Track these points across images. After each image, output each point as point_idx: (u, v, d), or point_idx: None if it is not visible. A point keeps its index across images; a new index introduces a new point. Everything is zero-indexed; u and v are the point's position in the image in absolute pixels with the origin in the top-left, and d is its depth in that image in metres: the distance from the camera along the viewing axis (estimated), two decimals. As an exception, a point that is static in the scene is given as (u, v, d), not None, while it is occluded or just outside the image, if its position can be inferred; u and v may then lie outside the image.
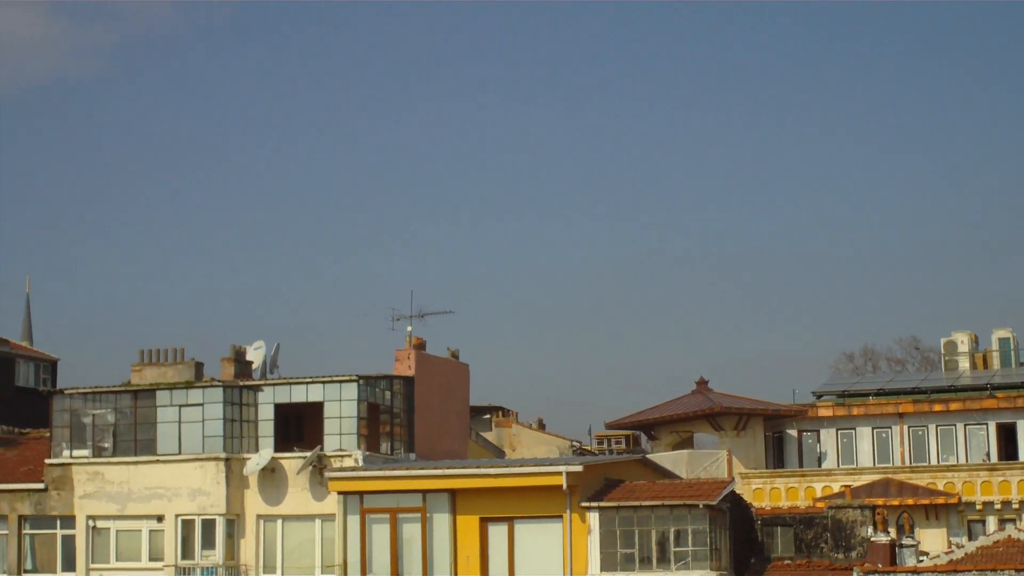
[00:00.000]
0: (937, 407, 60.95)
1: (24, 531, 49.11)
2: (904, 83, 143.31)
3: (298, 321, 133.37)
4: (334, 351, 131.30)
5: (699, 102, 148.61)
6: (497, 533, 43.46)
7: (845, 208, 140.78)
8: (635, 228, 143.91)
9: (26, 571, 48.87)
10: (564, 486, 41.85)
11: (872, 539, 43.11)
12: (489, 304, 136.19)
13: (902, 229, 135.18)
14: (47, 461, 48.85)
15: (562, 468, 42.29)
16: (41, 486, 48.66)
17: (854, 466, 60.91)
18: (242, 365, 49.24)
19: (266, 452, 46.28)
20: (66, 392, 49.10)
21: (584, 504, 42.15)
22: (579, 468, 42.33)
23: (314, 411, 47.07)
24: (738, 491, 48.87)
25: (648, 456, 54.97)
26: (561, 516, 42.50)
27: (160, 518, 47.15)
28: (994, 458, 59.66)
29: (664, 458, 56.44)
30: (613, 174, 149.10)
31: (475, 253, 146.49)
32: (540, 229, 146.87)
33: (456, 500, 43.67)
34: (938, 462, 60.17)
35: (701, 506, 41.27)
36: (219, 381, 47.38)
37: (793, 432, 62.46)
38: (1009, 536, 43.10)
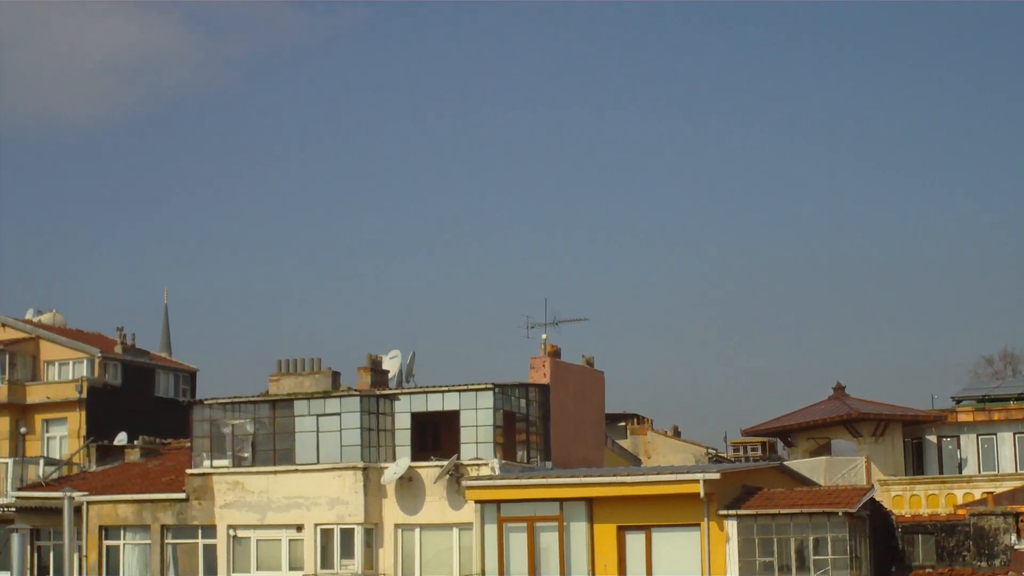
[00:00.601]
0: (1080, 410, 59.76)
1: (166, 540, 49.80)
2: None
3: (433, 330, 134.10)
4: (469, 359, 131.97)
5: (834, 107, 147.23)
6: (634, 541, 43.20)
7: (984, 209, 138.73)
8: (770, 232, 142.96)
9: (169, 579, 49.57)
10: (702, 494, 41.50)
11: (1016, 547, 42.28)
12: (624, 310, 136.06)
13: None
14: (188, 471, 49.48)
15: (699, 476, 41.94)
16: (182, 496, 49.31)
17: (995, 472, 59.75)
18: (378, 374, 49.57)
19: (403, 461, 46.48)
20: (206, 403, 49.67)
21: (722, 512, 41.80)
22: (716, 476, 41.99)
23: (450, 420, 47.18)
24: (877, 498, 48.19)
25: (785, 463, 54.42)
26: (699, 524, 42.15)
27: (299, 527, 47.52)
28: None
29: (801, 465, 55.82)
30: (746, 179, 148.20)
31: (609, 260, 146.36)
32: (674, 235, 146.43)
33: (593, 508, 43.46)
34: (1083, 466, 58.98)
35: (840, 514, 40.72)
36: (356, 390, 47.66)
37: (932, 438, 61.50)
38: None
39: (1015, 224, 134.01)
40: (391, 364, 50.46)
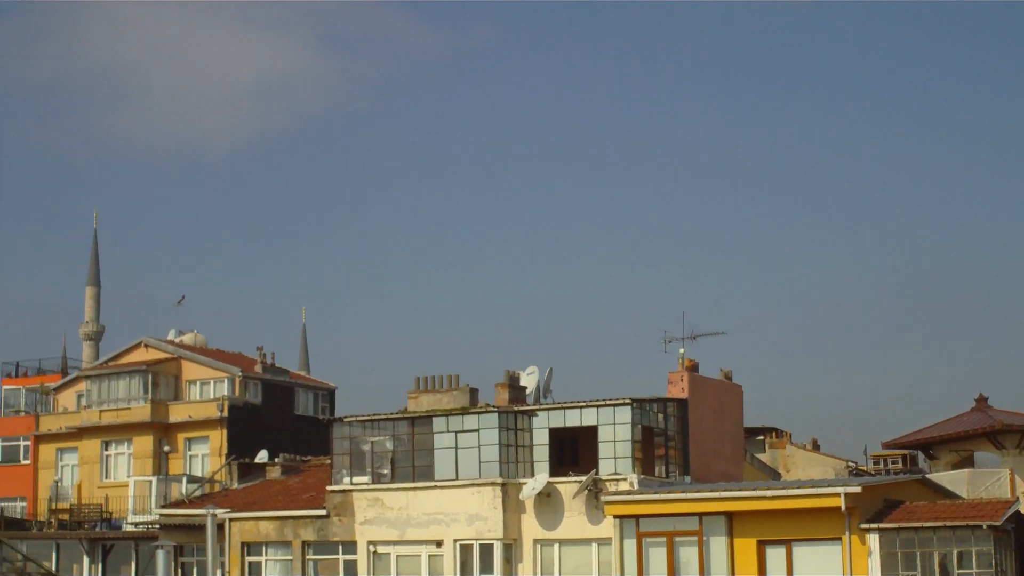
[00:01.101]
0: None
1: (307, 556, 50.24)
2: None
3: (571, 345, 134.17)
4: (607, 375, 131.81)
5: (987, 112, 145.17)
6: (775, 556, 42.82)
7: None
8: (909, 242, 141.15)
9: (310, 596, 49.99)
10: (843, 508, 41.04)
11: None
12: (761, 324, 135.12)
13: None
14: (328, 488, 49.91)
15: (840, 489, 41.50)
16: (323, 512, 49.74)
17: None
18: (516, 390, 49.62)
19: (541, 477, 46.49)
20: (345, 420, 50.09)
21: (864, 526, 41.30)
22: (858, 489, 41.50)
23: (588, 435, 47.08)
24: (1022, 511, 47.33)
25: (927, 476, 53.63)
26: (840, 538, 41.67)
27: (439, 543, 47.70)
28: None
29: (943, 478, 54.95)
30: (885, 188, 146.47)
31: (746, 273, 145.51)
32: (811, 247, 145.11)
33: (733, 523, 43.19)
34: None
35: (985, 527, 40.05)
36: (494, 407, 47.77)
37: (1079, 449, 60.22)
38: None
39: None
40: (529, 380, 50.48)
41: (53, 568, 63.84)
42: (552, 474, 46.80)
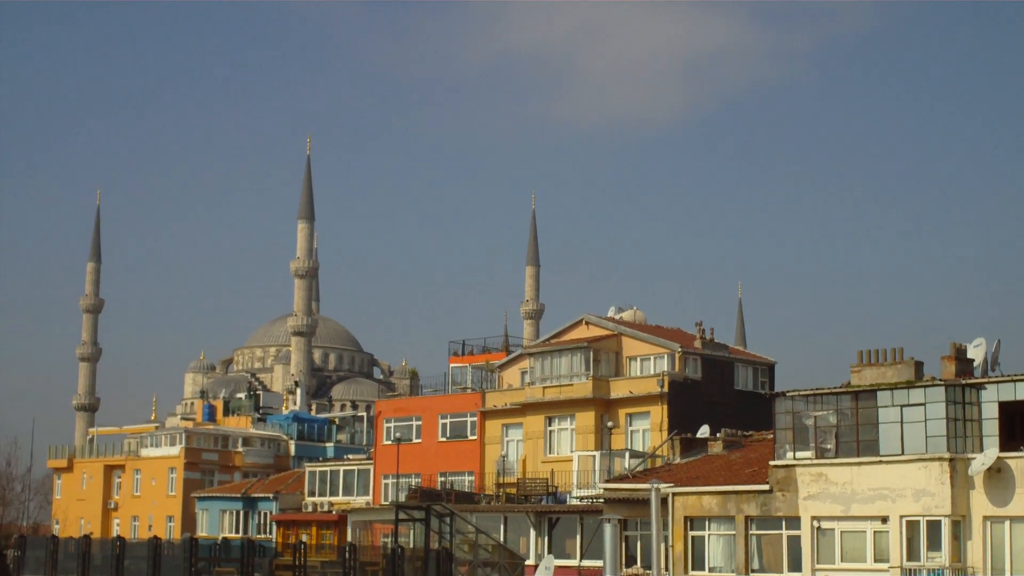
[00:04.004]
0: None
1: (750, 531, 50.15)
2: None
3: (1019, 316, 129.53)
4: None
5: None
6: None
7: None
8: None
9: (753, 571, 49.85)
10: None
11: None
12: None
13: None
14: (771, 463, 49.70)
15: None
16: (766, 487, 49.55)
17: None
18: (963, 363, 48.26)
19: (991, 452, 45.06)
20: (787, 395, 49.72)
21: None
22: None
23: (1040, 409, 45.43)
24: None
25: None
26: None
27: (884, 519, 46.87)
28: None
29: None
30: None
31: None
32: None
33: None
34: None
35: None
36: (940, 380, 46.56)
37: None
38: None
39: None
40: (976, 352, 48.98)
41: (501, 539, 65.88)
42: (1002, 449, 45.29)
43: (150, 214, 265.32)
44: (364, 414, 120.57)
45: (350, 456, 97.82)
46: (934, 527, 45.84)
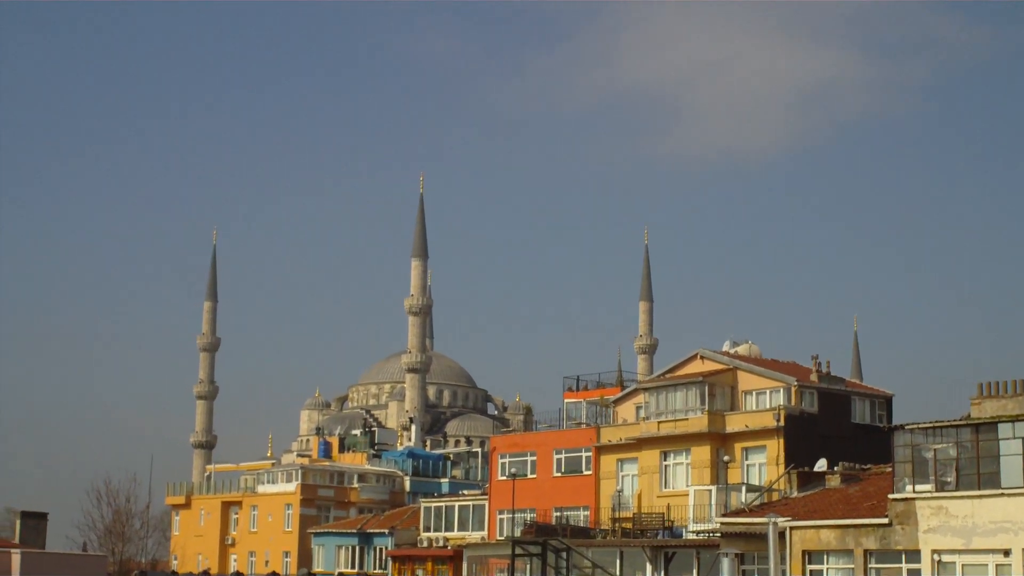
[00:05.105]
0: None
1: (869, 565, 49.61)
2: None
3: None
4: None
5: None
6: None
7: None
8: None
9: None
10: None
11: None
12: None
13: None
14: (890, 496, 49.15)
15: None
16: (885, 521, 49.02)
17: None
18: (1085, 394, 47.52)
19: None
20: (906, 427, 49.19)
21: None
22: None
23: None
24: None
25: None
26: None
27: (1007, 552, 46.17)
28: None
29: None
30: None
31: None
32: None
33: None
34: None
35: None
36: (1062, 412, 45.86)
37: None
38: None
39: None
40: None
41: (618, 574, 65.68)
42: None
43: (265, 253, 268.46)
44: (478, 450, 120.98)
45: (465, 492, 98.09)
46: (1062, 560, 45.08)
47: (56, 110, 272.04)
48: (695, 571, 63.72)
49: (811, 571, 51.23)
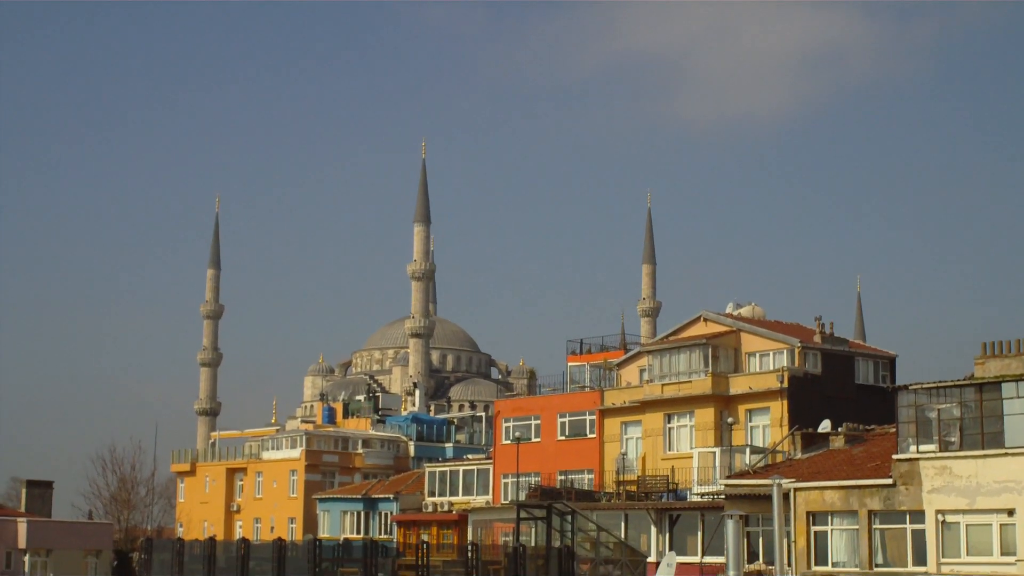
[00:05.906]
0: None
1: (874, 526, 49.65)
2: None
3: None
4: None
5: None
6: None
7: None
8: None
9: (877, 565, 49.33)
10: None
11: None
12: None
13: None
14: (894, 457, 49.16)
15: None
16: (889, 481, 49.04)
17: None
18: (1089, 353, 47.43)
19: (1120, 443, 44.23)
20: (910, 388, 49.15)
21: None
22: None
23: None
24: None
25: None
26: None
27: (1011, 512, 46.24)
28: None
29: None
30: None
31: None
32: None
33: None
34: None
35: None
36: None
37: None
38: None
39: None
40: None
41: (622, 537, 65.77)
42: None
43: (268, 219, 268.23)
44: (483, 414, 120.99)
45: (469, 456, 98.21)
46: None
47: (61, 78, 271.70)
48: (699, 533, 63.81)
49: (815, 532, 51.30)
